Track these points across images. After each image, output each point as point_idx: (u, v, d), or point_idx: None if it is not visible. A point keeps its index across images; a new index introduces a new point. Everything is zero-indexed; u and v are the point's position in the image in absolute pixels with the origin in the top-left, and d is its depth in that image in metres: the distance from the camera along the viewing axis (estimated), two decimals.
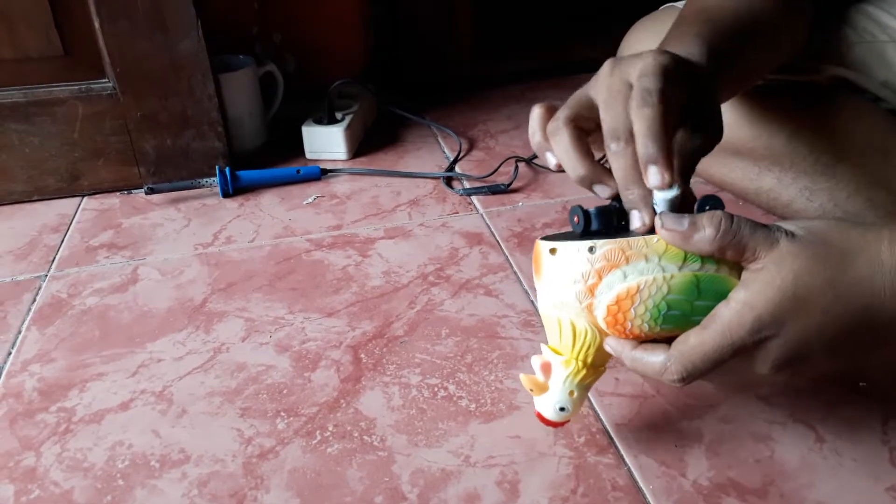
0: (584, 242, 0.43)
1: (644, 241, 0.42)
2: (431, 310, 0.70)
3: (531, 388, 0.49)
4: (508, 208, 0.89)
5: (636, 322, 0.43)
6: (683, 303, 0.42)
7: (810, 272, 0.38)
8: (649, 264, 0.42)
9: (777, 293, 0.38)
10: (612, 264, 0.42)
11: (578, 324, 0.45)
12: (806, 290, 0.38)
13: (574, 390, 0.48)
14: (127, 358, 0.65)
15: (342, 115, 1.05)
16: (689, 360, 0.41)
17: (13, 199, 0.95)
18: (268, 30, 1.16)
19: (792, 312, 0.39)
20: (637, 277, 0.42)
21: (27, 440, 0.56)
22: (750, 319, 0.39)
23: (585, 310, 0.44)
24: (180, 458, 0.54)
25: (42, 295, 0.75)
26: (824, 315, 0.39)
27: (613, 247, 0.42)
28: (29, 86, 0.90)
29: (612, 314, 0.43)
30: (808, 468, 0.51)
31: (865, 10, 0.67)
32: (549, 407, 0.49)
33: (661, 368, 0.42)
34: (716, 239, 0.40)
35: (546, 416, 0.50)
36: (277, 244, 0.83)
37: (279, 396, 0.60)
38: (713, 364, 0.41)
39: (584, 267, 0.43)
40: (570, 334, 0.46)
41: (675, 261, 0.42)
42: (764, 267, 0.39)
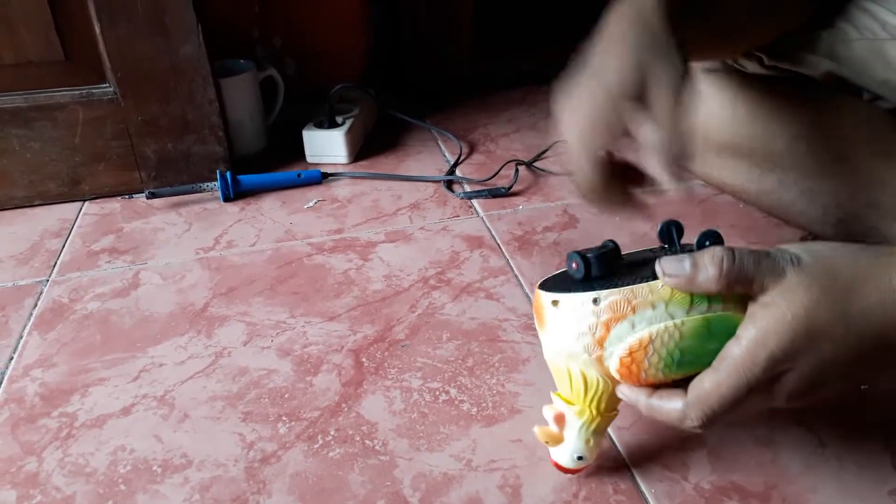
0: (586, 294, 0.42)
1: (648, 288, 0.42)
2: (432, 313, 0.70)
3: (546, 440, 0.48)
4: (509, 212, 0.89)
5: (650, 371, 0.43)
6: (696, 347, 0.42)
7: (821, 305, 0.38)
8: (656, 312, 0.42)
9: (789, 330, 0.39)
10: (619, 316, 0.42)
11: (589, 374, 0.45)
12: (818, 324, 0.38)
13: (590, 438, 0.48)
14: (128, 363, 0.65)
15: (343, 118, 1.05)
16: (708, 406, 0.41)
17: (14, 204, 0.95)
18: (268, 34, 1.16)
19: (805, 347, 0.39)
20: (646, 327, 0.42)
21: (29, 445, 0.56)
22: (763, 358, 0.39)
23: (595, 361, 0.44)
24: (182, 463, 0.54)
25: (43, 300, 0.75)
26: (837, 347, 0.39)
27: (618, 297, 0.42)
28: (30, 90, 0.90)
29: (625, 366, 0.43)
30: (810, 472, 0.51)
31: (866, 6, 0.67)
32: (567, 457, 0.48)
33: (680, 416, 0.42)
34: (721, 277, 0.40)
35: (564, 465, 0.49)
36: (278, 248, 0.83)
37: (281, 401, 0.60)
38: (731, 405, 0.40)
39: (590, 320, 0.43)
40: (581, 384, 0.46)
41: (681, 305, 0.42)
42: (773, 302, 0.39)
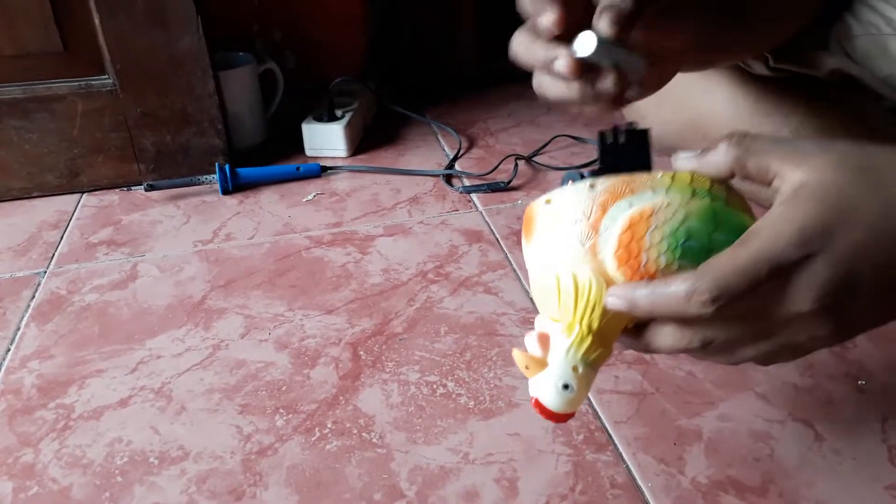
0: (583, 181, 0.38)
1: (647, 176, 0.38)
2: (430, 307, 0.70)
3: (526, 365, 0.40)
4: (508, 206, 0.89)
5: (651, 253, 0.36)
6: (702, 233, 0.36)
7: (853, 183, 0.34)
8: (656, 193, 0.37)
9: (819, 205, 0.34)
10: (616, 195, 0.37)
11: (581, 275, 0.38)
12: (850, 201, 0.34)
13: (578, 365, 0.39)
14: (126, 355, 0.65)
15: (342, 112, 1.05)
16: (722, 276, 0.34)
17: (12, 196, 0.95)
18: (268, 27, 1.16)
19: (838, 224, 0.34)
20: (647, 202, 0.37)
21: (26, 437, 0.56)
22: (790, 231, 0.34)
23: (589, 252, 0.38)
24: (179, 455, 0.54)
25: (41, 291, 0.75)
26: (870, 234, 0.34)
27: (615, 181, 0.38)
28: (28, 82, 0.90)
29: (623, 245, 0.37)
30: (807, 466, 0.51)
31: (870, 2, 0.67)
32: (550, 388, 0.39)
33: (687, 293, 0.35)
34: (730, 149, 0.36)
35: (546, 401, 0.39)
36: (277, 241, 0.83)
37: (278, 393, 0.60)
38: (749, 283, 0.34)
39: (586, 203, 0.38)
40: (571, 291, 0.38)
41: (682, 192, 0.37)
42: (800, 181, 0.35)
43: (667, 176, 0.38)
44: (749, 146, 0.36)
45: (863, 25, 0.65)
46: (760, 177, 0.37)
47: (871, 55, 0.66)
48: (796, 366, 0.60)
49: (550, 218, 0.39)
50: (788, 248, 0.34)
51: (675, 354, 0.44)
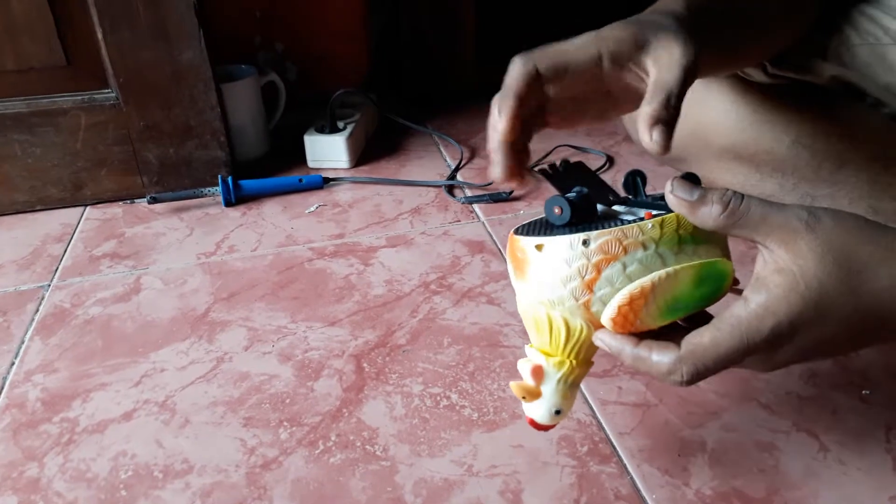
0: (576, 236, 0.41)
1: (639, 228, 0.40)
2: (433, 318, 0.70)
3: (523, 395, 0.46)
4: (510, 216, 0.89)
5: (646, 319, 0.41)
6: (687, 294, 0.41)
7: (833, 279, 0.37)
8: (647, 252, 0.40)
9: (801, 302, 0.37)
10: (611, 257, 0.40)
11: (573, 321, 0.43)
12: (828, 300, 0.37)
13: (568, 391, 0.46)
14: (130, 368, 0.65)
15: (344, 123, 1.05)
16: (702, 363, 0.39)
17: (16, 209, 0.95)
18: (270, 39, 1.17)
19: (812, 321, 0.37)
20: (641, 272, 0.40)
21: (30, 451, 0.56)
22: (770, 326, 0.38)
23: (582, 307, 0.42)
24: (183, 469, 0.54)
25: (45, 305, 0.75)
26: (840, 326, 0.38)
27: (609, 238, 0.40)
28: (32, 96, 0.91)
29: (622, 314, 0.41)
30: (812, 477, 0.51)
31: (868, 12, 0.67)
32: (545, 412, 0.46)
33: (669, 369, 0.40)
34: (723, 216, 0.38)
35: (541, 421, 0.47)
36: (280, 253, 0.83)
37: (282, 406, 0.60)
38: (724, 366, 0.39)
39: (580, 262, 0.41)
40: (562, 333, 0.43)
41: (670, 246, 0.40)
42: (785, 268, 0.37)
43: (656, 227, 0.40)
44: (739, 218, 0.38)
45: (861, 36, 0.66)
46: (747, 238, 0.39)
47: (870, 65, 0.66)
48: (800, 375, 0.60)
49: (543, 267, 0.42)
50: (762, 343, 0.38)
51: None
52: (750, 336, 0.38)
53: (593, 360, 0.47)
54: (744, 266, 0.51)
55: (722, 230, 0.39)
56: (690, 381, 0.40)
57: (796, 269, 0.37)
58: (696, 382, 0.40)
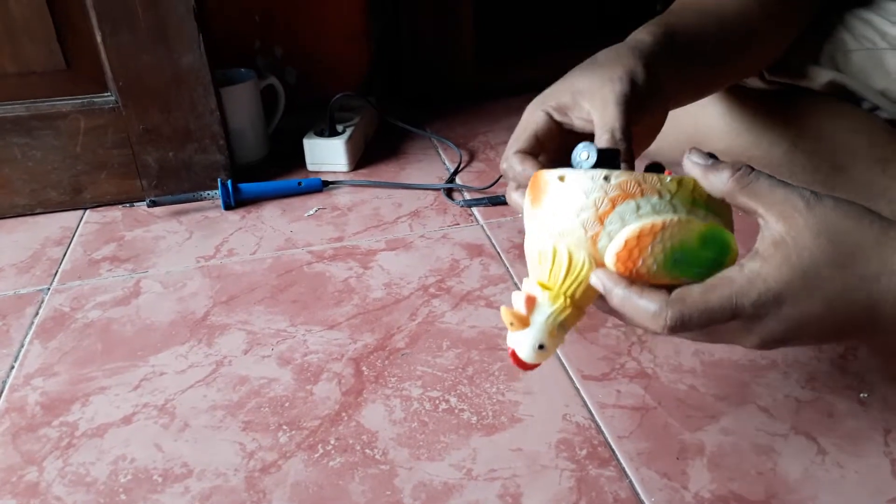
0: (598, 170, 0.41)
1: (658, 178, 0.41)
2: (432, 322, 0.70)
3: (511, 321, 0.45)
4: (509, 219, 0.90)
5: (647, 261, 0.41)
6: (692, 251, 0.41)
7: (825, 256, 0.38)
8: (662, 201, 0.41)
9: (790, 272, 0.38)
10: (627, 194, 0.41)
11: (577, 254, 0.43)
12: (818, 275, 0.38)
13: (555, 329, 0.45)
14: (129, 371, 0.65)
15: (343, 127, 1.05)
16: (688, 313, 0.39)
17: (16, 213, 0.95)
18: (269, 43, 1.17)
19: (798, 294, 0.38)
20: (651, 213, 0.41)
21: (29, 455, 0.57)
22: (758, 290, 0.38)
23: (590, 240, 0.42)
24: (183, 473, 0.54)
25: (45, 308, 0.75)
26: (826, 305, 0.38)
27: (629, 178, 0.41)
28: (31, 100, 0.91)
29: (628, 248, 0.41)
30: (810, 480, 0.51)
31: (865, 16, 0.67)
32: (528, 345, 0.45)
33: (654, 313, 0.40)
34: (732, 181, 0.39)
35: (522, 354, 0.46)
36: (279, 256, 0.84)
37: (281, 410, 0.60)
38: (708, 322, 0.40)
39: (598, 194, 0.41)
40: (564, 265, 0.43)
41: (684, 203, 0.41)
42: (782, 240, 0.38)
43: (674, 182, 0.41)
44: (746, 184, 0.40)
45: (858, 40, 0.66)
46: (747, 212, 0.41)
47: (866, 69, 0.66)
48: (798, 379, 0.60)
49: (561, 196, 0.43)
50: (750, 306, 0.39)
51: None
52: (738, 297, 0.39)
53: (587, 311, 0.46)
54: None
55: (729, 196, 0.40)
56: (673, 327, 0.40)
57: (790, 242, 0.38)
58: (677, 332, 0.40)
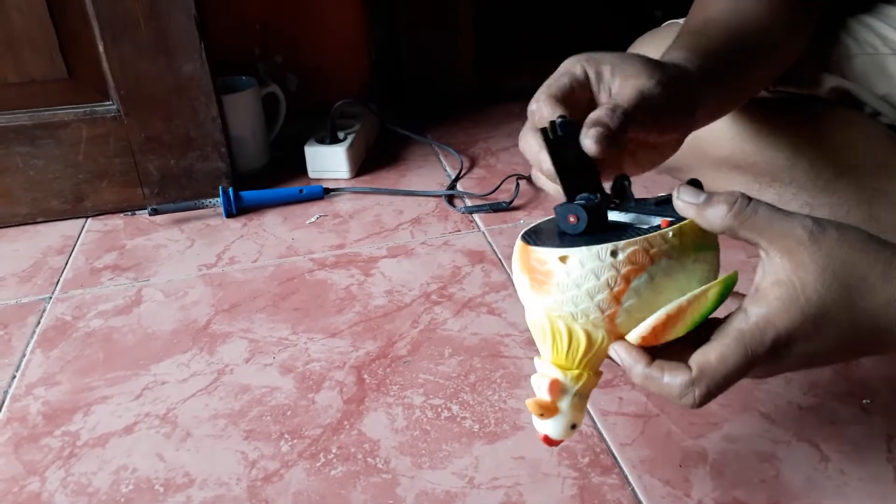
0: (603, 246, 0.40)
1: (661, 237, 0.40)
2: (434, 329, 0.70)
3: (541, 412, 0.43)
4: (510, 226, 0.90)
5: (670, 337, 0.41)
6: (712, 308, 0.41)
7: (832, 293, 0.37)
8: (671, 261, 0.40)
9: (800, 315, 0.37)
10: (638, 267, 0.39)
11: (595, 333, 0.42)
12: (827, 314, 0.37)
13: (581, 404, 0.44)
14: (131, 380, 0.65)
15: (344, 134, 1.05)
16: (713, 382, 0.39)
17: (17, 222, 0.95)
18: (270, 51, 1.17)
19: (810, 332, 0.38)
20: (667, 281, 0.40)
21: (32, 465, 0.56)
22: (771, 337, 0.38)
23: (607, 319, 0.41)
24: (185, 482, 0.54)
25: (46, 317, 0.76)
26: (837, 338, 0.38)
27: (636, 248, 0.39)
28: (33, 109, 0.91)
29: (654, 332, 0.40)
30: (813, 488, 0.51)
31: (867, 21, 0.67)
32: (562, 428, 0.44)
33: (680, 392, 0.39)
34: (729, 217, 0.38)
35: (557, 437, 0.45)
36: (281, 264, 0.84)
37: (283, 418, 0.60)
38: (732, 382, 0.39)
39: (609, 273, 0.40)
40: (583, 345, 0.42)
41: (688, 254, 0.40)
42: (786, 280, 0.38)
43: (676, 236, 0.40)
44: (746, 219, 0.39)
45: (860, 45, 0.66)
46: (750, 241, 0.40)
47: (869, 74, 0.66)
48: (800, 385, 0.60)
49: (570, 279, 0.41)
50: (765, 354, 0.38)
51: None
52: (753, 348, 0.38)
53: (601, 369, 0.45)
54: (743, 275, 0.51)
55: (728, 231, 0.39)
56: (702, 402, 0.39)
57: (797, 282, 0.37)
58: (706, 404, 0.40)
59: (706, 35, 0.55)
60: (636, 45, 0.81)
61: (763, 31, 0.58)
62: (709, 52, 0.53)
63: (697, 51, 0.52)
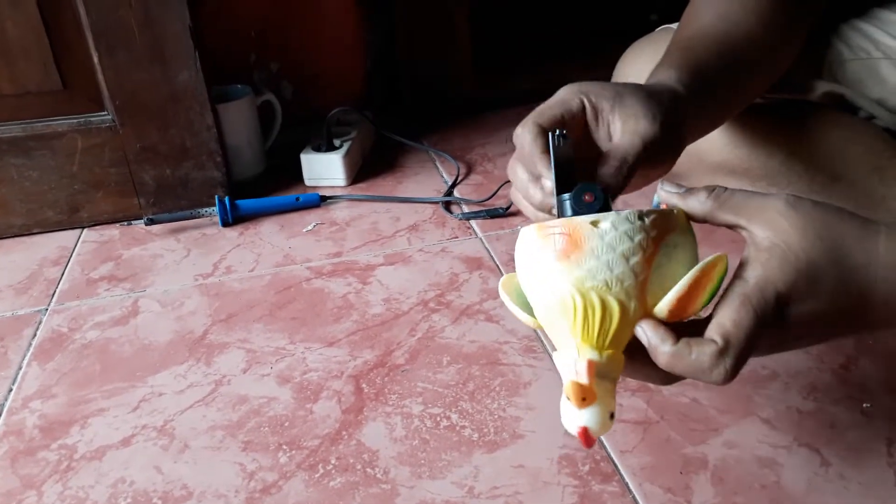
0: (630, 210, 0.39)
1: (670, 211, 0.41)
2: (432, 337, 0.70)
3: (583, 397, 0.38)
4: (507, 232, 0.89)
5: (697, 304, 0.39)
6: (721, 280, 0.40)
7: (817, 250, 0.38)
8: (683, 233, 0.40)
9: (794, 271, 0.38)
10: (664, 232, 0.39)
11: (628, 303, 0.39)
12: (817, 270, 0.38)
13: (614, 389, 0.40)
14: (128, 392, 0.65)
15: (340, 141, 1.05)
16: (739, 349, 0.37)
17: (13, 233, 0.95)
18: (265, 58, 1.17)
19: (805, 292, 0.38)
20: (686, 250, 0.40)
21: (28, 479, 0.56)
22: (773, 295, 0.38)
23: (639, 285, 0.39)
24: (183, 495, 0.54)
25: (43, 329, 0.75)
26: (828, 299, 0.38)
27: (657, 215, 0.39)
28: (28, 120, 0.91)
29: (689, 292, 0.38)
30: (814, 492, 0.51)
31: (859, 26, 0.67)
32: (600, 417, 0.39)
33: (711, 364, 0.38)
34: (707, 200, 0.40)
35: (597, 428, 0.39)
36: (278, 273, 0.83)
37: (281, 429, 0.60)
38: (752, 347, 0.38)
39: (641, 235, 0.38)
40: (617, 318, 0.39)
41: (688, 232, 0.41)
42: (772, 244, 0.38)
43: (678, 213, 0.41)
44: (724, 202, 0.40)
45: (853, 50, 0.66)
46: (730, 226, 0.40)
47: (862, 79, 0.66)
48: (800, 390, 0.60)
49: (603, 244, 0.39)
50: (773, 313, 0.38)
51: None
52: (761, 308, 0.38)
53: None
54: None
55: (710, 215, 0.40)
56: (734, 372, 0.38)
57: (783, 244, 0.38)
58: (736, 375, 0.38)
59: (697, 50, 0.55)
60: (631, 49, 0.81)
61: (754, 43, 0.58)
62: (700, 69, 0.53)
63: (689, 69, 0.52)
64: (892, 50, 0.65)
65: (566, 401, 0.39)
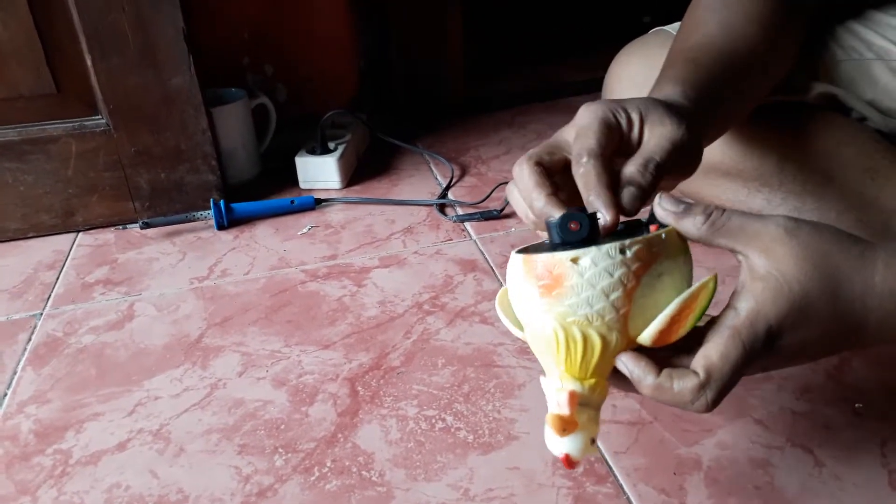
0: (612, 244, 0.39)
1: (657, 237, 0.40)
2: (427, 339, 0.70)
3: (564, 427, 0.41)
4: (502, 234, 0.90)
5: (681, 332, 0.40)
6: (707, 304, 0.40)
7: (813, 282, 0.38)
8: (670, 260, 0.40)
9: (787, 304, 0.38)
10: (646, 263, 0.39)
11: (609, 336, 0.40)
12: (811, 302, 0.38)
13: (597, 416, 0.42)
14: (124, 397, 0.65)
15: (335, 144, 1.05)
16: (722, 382, 0.39)
17: (7, 237, 0.95)
18: (259, 61, 1.17)
19: (796, 324, 0.38)
20: (672, 279, 0.40)
21: (23, 484, 0.56)
22: (764, 329, 0.38)
23: (621, 318, 0.40)
24: (178, 499, 0.54)
25: (38, 334, 0.75)
26: (820, 328, 0.39)
27: (641, 245, 0.39)
28: (22, 124, 0.91)
29: (672, 323, 0.40)
30: (808, 493, 0.51)
31: (852, 28, 0.68)
32: (582, 444, 0.41)
33: (692, 397, 0.39)
34: (704, 226, 0.40)
35: (578, 455, 0.41)
36: (273, 276, 0.83)
37: (277, 432, 0.60)
38: (737, 379, 0.39)
39: (621, 270, 0.39)
40: (598, 350, 0.40)
41: (680, 255, 0.41)
42: (767, 274, 0.38)
43: (669, 236, 0.41)
44: (720, 227, 0.40)
45: (846, 51, 0.66)
46: (727, 251, 0.41)
47: (855, 80, 0.67)
48: (793, 391, 0.60)
49: (583, 280, 0.40)
50: (762, 347, 0.39)
51: None
52: (750, 342, 0.38)
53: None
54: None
55: (705, 239, 0.40)
56: (714, 404, 0.39)
57: (779, 275, 0.38)
58: (718, 405, 0.40)
59: (701, 62, 0.55)
60: (624, 51, 0.81)
61: (755, 52, 0.58)
62: (703, 83, 0.53)
63: (693, 84, 0.52)
64: (884, 51, 0.66)
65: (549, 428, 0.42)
